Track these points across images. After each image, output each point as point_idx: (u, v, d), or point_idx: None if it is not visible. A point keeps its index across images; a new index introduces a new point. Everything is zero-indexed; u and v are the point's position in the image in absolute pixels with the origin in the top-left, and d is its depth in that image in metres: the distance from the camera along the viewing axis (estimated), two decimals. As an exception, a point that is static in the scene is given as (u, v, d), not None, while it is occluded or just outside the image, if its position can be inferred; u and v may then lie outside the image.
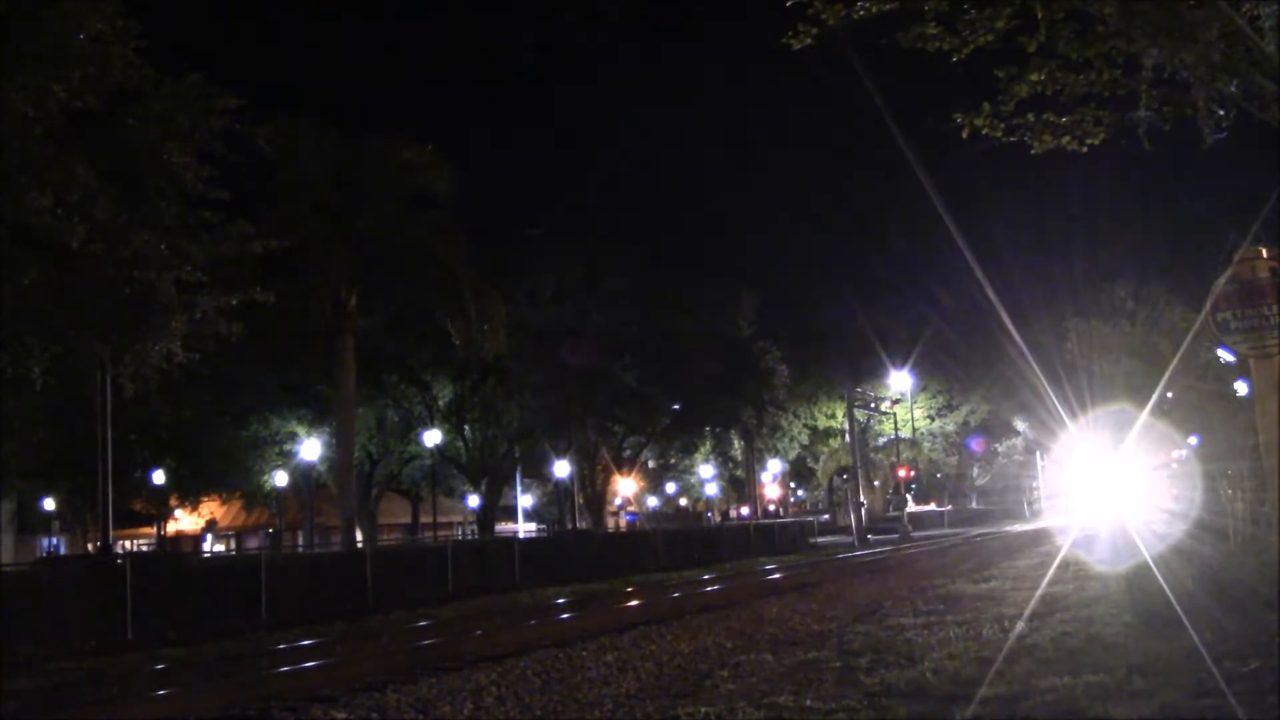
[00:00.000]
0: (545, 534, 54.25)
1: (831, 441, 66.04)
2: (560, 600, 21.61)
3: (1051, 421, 39.82)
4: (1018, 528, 54.51)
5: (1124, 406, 28.54)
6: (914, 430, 65.92)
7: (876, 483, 67.54)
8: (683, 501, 75.76)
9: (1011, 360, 43.82)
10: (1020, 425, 69.10)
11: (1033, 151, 9.62)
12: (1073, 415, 35.28)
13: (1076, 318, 36.38)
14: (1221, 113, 8.95)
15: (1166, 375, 23.40)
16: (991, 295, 32.96)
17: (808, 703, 8.14)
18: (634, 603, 20.26)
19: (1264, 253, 8.44)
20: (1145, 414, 24.61)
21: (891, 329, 61.81)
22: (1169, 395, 25.72)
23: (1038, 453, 70.14)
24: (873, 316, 61.57)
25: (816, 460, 68.01)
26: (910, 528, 55.18)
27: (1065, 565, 20.07)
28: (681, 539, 39.04)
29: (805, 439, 64.33)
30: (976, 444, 69.65)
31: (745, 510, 69.17)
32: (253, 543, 55.89)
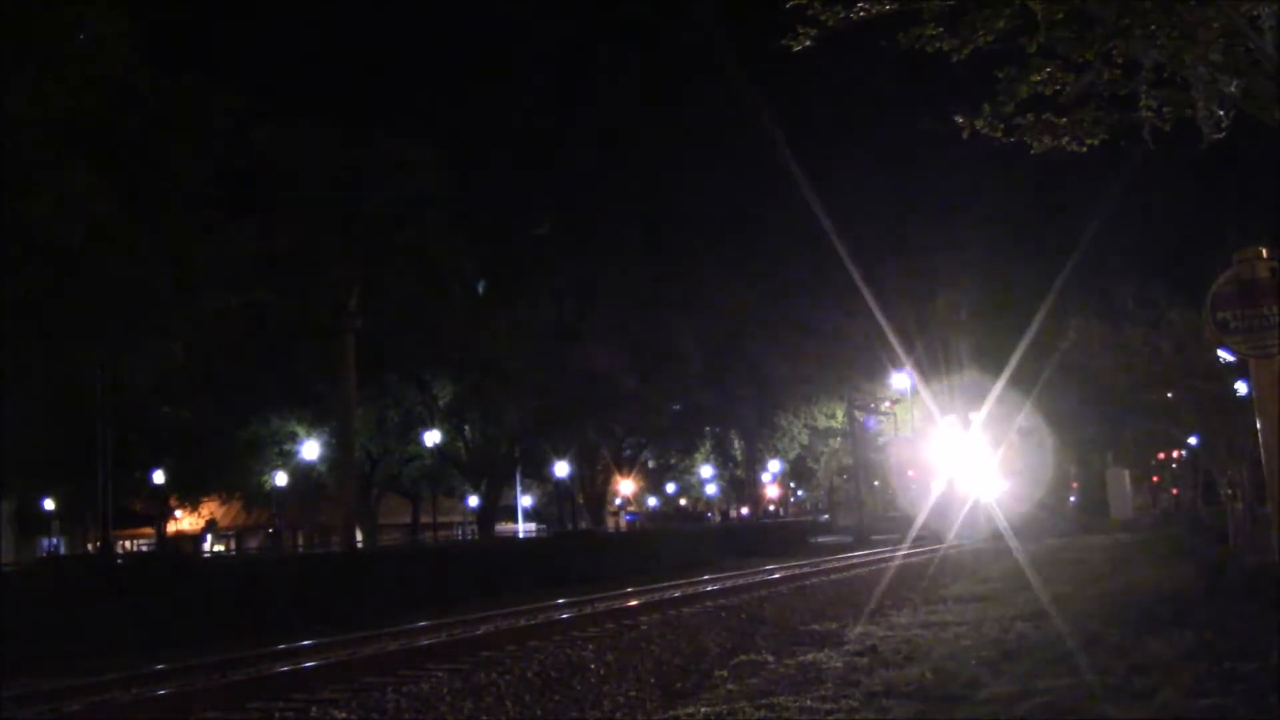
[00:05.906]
0: (545, 534, 54.26)
1: (831, 441, 65.94)
2: (560, 600, 21.59)
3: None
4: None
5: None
6: (914, 430, 65.78)
7: (876, 483, 67.42)
8: (683, 501, 75.67)
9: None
10: (1021, 424, 68.72)
11: (1032, 152, 9.60)
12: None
13: (1078, 318, 36.35)
14: (1221, 113, 8.94)
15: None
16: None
17: (808, 703, 8.13)
18: (634, 602, 20.24)
19: (1264, 253, 8.41)
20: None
21: (892, 329, 61.55)
22: (1169, 395, 25.69)
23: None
24: (873, 317, 61.36)
25: (816, 460, 67.88)
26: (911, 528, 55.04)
27: (1065, 566, 20.07)
28: (681, 539, 39.01)
29: (805, 439, 64.24)
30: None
31: (745, 510, 69.07)
32: (253, 543, 55.93)
